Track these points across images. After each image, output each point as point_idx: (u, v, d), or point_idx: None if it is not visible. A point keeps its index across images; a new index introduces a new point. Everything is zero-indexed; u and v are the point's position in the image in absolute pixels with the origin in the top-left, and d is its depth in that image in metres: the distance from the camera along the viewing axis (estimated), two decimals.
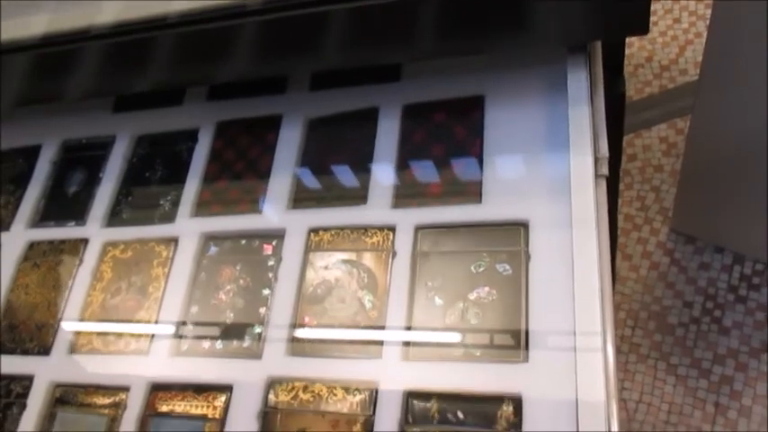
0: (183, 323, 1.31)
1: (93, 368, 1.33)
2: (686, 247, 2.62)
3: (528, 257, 1.16)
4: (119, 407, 1.27)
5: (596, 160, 1.18)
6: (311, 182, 1.39)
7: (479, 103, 1.34)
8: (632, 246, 2.69)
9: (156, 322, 1.33)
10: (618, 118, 1.47)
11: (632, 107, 2.92)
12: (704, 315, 2.49)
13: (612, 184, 1.35)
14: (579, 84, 1.20)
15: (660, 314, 2.55)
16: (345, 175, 1.36)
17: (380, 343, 1.17)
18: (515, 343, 1.09)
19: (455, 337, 1.13)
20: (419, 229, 1.25)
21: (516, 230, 1.19)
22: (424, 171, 1.31)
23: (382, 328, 1.18)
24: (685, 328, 2.51)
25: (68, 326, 1.40)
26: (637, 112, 2.91)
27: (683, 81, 2.97)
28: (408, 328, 1.17)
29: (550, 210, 1.19)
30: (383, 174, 1.33)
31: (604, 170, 1.20)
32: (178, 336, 1.30)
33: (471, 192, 1.25)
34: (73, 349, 1.37)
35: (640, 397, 2.45)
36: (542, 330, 1.10)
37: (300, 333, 1.22)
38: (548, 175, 1.22)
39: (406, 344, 1.15)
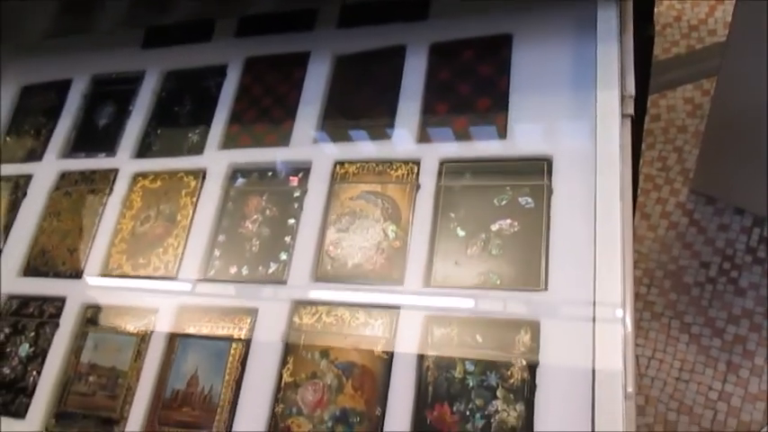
0: (211, 249, 1.35)
1: (123, 291, 1.37)
2: (706, 207, 2.62)
3: (550, 192, 1.18)
4: (147, 328, 1.31)
5: (622, 99, 1.19)
6: (338, 116, 1.40)
7: (507, 42, 1.34)
8: (651, 205, 2.69)
9: (184, 248, 1.36)
10: (645, 62, 1.47)
11: (658, 67, 2.89)
12: (721, 275, 2.50)
13: (636, 131, 1.35)
14: (609, 21, 1.20)
15: (676, 273, 2.56)
16: (371, 111, 1.38)
17: (403, 270, 1.20)
18: (535, 272, 1.12)
19: (476, 266, 1.15)
20: (444, 162, 1.27)
21: (540, 165, 1.20)
22: (450, 107, 1.32)
23: (405, 256, 1.20)
24: (701, 287, 2.52)
25: (99, 250, 1.44)
26: (662, 73, 2.88)
27: (711, 42, 2.92)
28: (430, 257, 1.19)
29: (574, 147, 1.20)
30: (409, 109, 1.34)
31: (630, 109, 1.21)
32: (205, 261, 1.34)
33: (497, 127, 1.26)
34: (103, 272, 1.41)
35: (653, 353, 2.47)
36: (562, 261, 1.12)
37: (324, 260, 1.25)
38: (573, 113, 1.23)
39: (428, 271, 1.18)
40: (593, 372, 0.99)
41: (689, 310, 2.50)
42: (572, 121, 1.22)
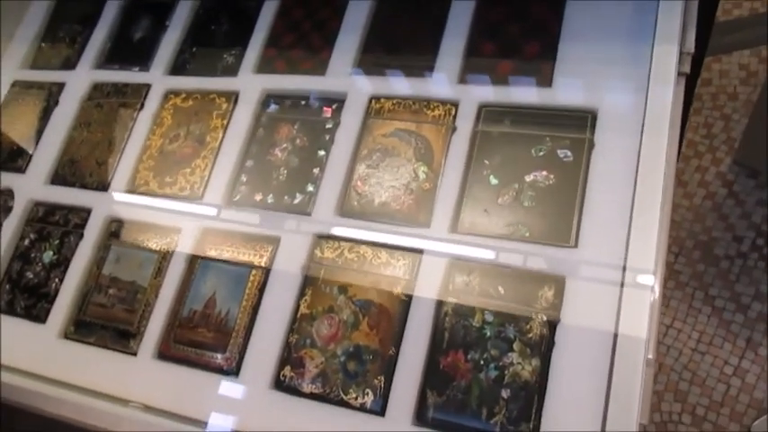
0: (238, 174, 1.33)
1: (148, 207, 1.37)
2: (747, 180, 2.53)
3: (592, 146, 1.13)
4: (169, 247, 1.31)
5: (680, 55, 1.12)
6: (378, 49, 1.35)
7: None
8: (690, 173, 2.61)
9: (211, 171, 1.35)
10: (707, 20, 1.38)
11: (716, 28, 2.74)
12: (753, 251, 2.43)
13: (687, 92, 1.28)
14: None
15: (707, 244, 2.49)
16: (413, 46, 1.33)
17: (430, 213, 1.17)
18: (566, 228, 1.08)
19: (506, 216, 1.12)
20: (483, 107, 1.22)
21: (583, 118, 1.15)
22: (496, 49, 1.27)
23: (433, 199, 1.17)
24: (731, 261, 2.46)
25: (127, 165, 1.43)
26: (720, 35, 2.74)
27: None
28: (459, 203, 1.16)
29: (622, 102, 1.14)
30: (452, 48, 1.29)
31: (687, 67, 1.15)
32: (231, 186, 1.32)
33: (542, 75, 1.21)
34: (130, 188, 1.41)
35: (672, 322, 2.44)
36: (596, 220, 1.08)
37: (351, 196, 1.23)
38: (625, 67, 1.17)
39: (456, 217, 1.15)
40: (616, 336, 0.97)
41: (715, 282, 2.45)
42: (623, 74, 1.16)
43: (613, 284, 1.01)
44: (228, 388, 1.16)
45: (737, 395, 2.29)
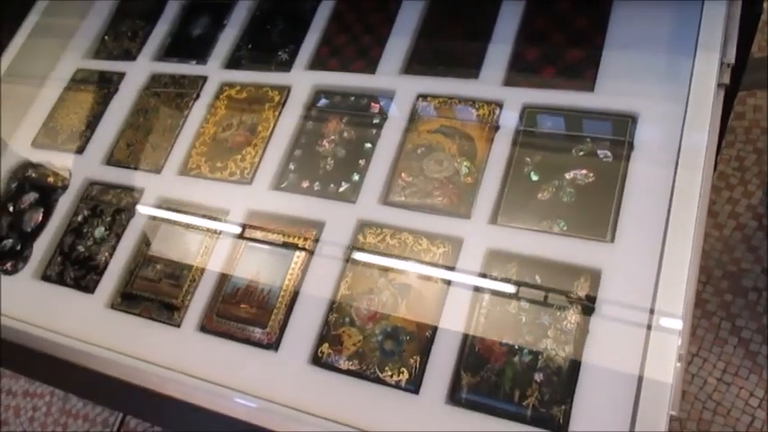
0: (287, 162, 1.39)
1: (199, 190, 1.43)
2: None
3: (631, 149, 1.17)
4: (217, 227, 1.37)
5: (721, 66, 1.16)
6: (426, 51, 1.41)
7: None
8: (721, 204, 2.62)
9: (261, 158, 1.41)
10: (748, 37, 1.42)
11: (752, 64, 2.78)
12: None
13: (725, 107, 1.32)
14: None
15: (735, 275, 2.49)
16: (461, 49, 1.39)
17: (471, 205, 1.21)
18: (604, 224, 1.12)
19: (545, 210, 1.16)
20: (526, 108, 1.27)
21: (624, 122, 1.20)
22: (541, 55, 1.32)
23: (475, 192, 1.22)
24: (759, 293, 2.45)
25: (180, 150, 1.50)
26: (755, 70, 2.77)
27: None
28: (500, 197, 1.20)
29: (663, 108, 1.19)
30: (499, 51, 1.35)
31: (727, 79, 1.18)
32: (280, 172, 1.38)
33: (585, 79, 1.26)
34: (182, 171, 1.48)
35: (698, 351, 2.43)
36: (633, 218, 1.12)
37: (395, 186, 1.28)
38: (667, 75, 1.21)
39: (496, 209, 1.19)
40: (649, 328, 0.99)
41: (742, 313, 2.44)
42: (664, 82, 1.21)
43: (648, 280, 1.04)
44: (267, 362, 1.20)
45: (762, 427, 2.26)
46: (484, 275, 1.15)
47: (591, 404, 1.00)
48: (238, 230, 1.35)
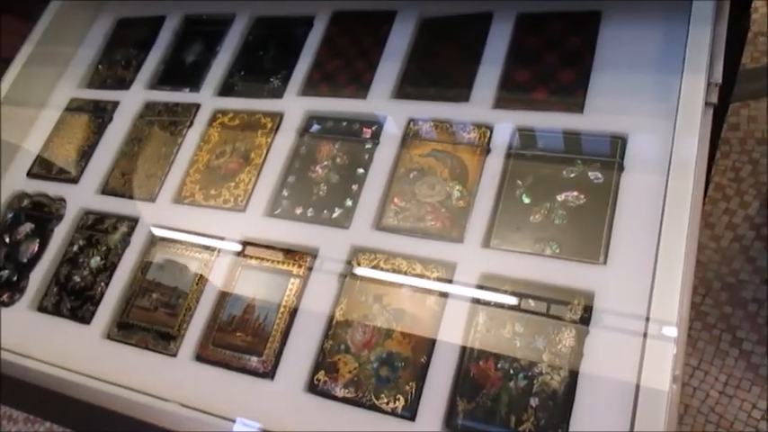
0: (280, 189, 1.39)
1: (193, 217, 1.44)
2: None
3: (621, 170, 1.17)
4: (212, 255, 1.37)
5: (708, 86, 1.17)
6: (417, 75, 1.43)
7: (596, 19, 1.34)
8: (717, 215, 2.62)
9: (255, 185, 1.42)
10: (736, 54, 1.44)
11: (744, 75, 2.79)
12: None
13: (715, 126, 1.33)
14: (705, 5, 1.18)
15: (735, 287, 2.49)
16: (452, 71, 1.40)
17: (463, 229, 1.22)
18: (596, 246, 1.12)
19: (537, 233, 1.17)
20: (518, 130, 1.28)
21: (614, 143, 1.20)
22: (530, 77, 1.33)
23: (467, 216, 1.22)
24: (759, 304, 2.44)
25: (174, 178, 1.50)
26: (748, 81, 2.79)
27: None
28: (492, 220, 1.21)
29: (652, 128, 1.20)
30: (489, 75, 1.36)
31: (714, 98, 1.19)
32: (273, 199, 1.39)
33: (575, 102, 1.26)
34: (176, 199, 1.48)
35: (698, 364, 2.42)
36: (625, 239, 1.12)
37: (388, 211, 1.28)
38: (654, 95, 1.22)
39: (489, 233, 1.20)
40: (644, 347, 0.99)
41: (743, 325, 2.43)
42: (652, 102, 1.21)
43: (641, 301, 1.04)
44: (264, 390, 1.20)
45: None
46: (478, 300, 1.15)
47: (587, 428, 1.00)
48: (233, 258, 1.35)
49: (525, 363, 1.07)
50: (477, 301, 1.15)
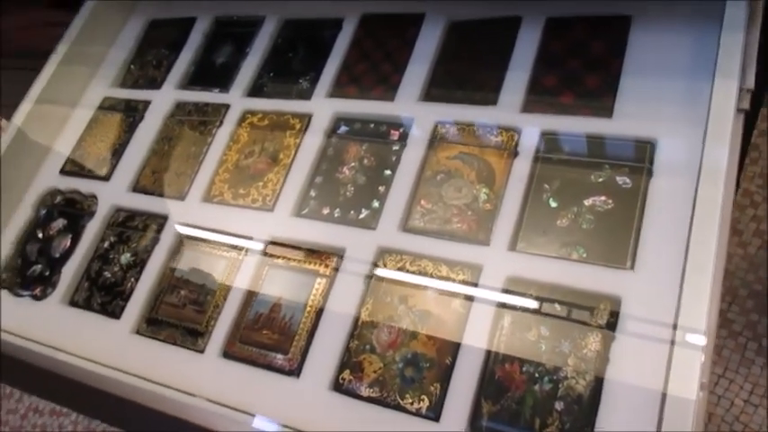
0: (308, 189, 1.41)
1: (222, 216, 1.46)
2: None
3: (650, 175, 1.17)
4: (240, 253, 1.39)
5: (740, 92, 1.16)
6: (445, 78, 1.43)
7: (625, 23, 1.33)
8: (745, 222, 2.59)
9: (283, 185, 1.43)
10: (767, 63, 1.42)
11: None
12: None
13: (746, 132, 1.32)
14: (738, 10, 1.17)
15: (761, 294, 2.46)
16: (479, 75, 1.40)
17: (490, 232, 1.22)
18: (623, 251, 1.12)
19: (564, 237, 1.17)
20: (545, 134, 1.28)
21: (643, 147, 1.20)
22: (558, 81, 1.33)
23: (494, 219, 1.23)
24: None
25: (204, 177, 1.53)
26: None
27: None
28: (519, 223, 1.21)
29: (682, 134, 1.19)
30: (516, 79, 1.36)
31: (746, 104, 1.18)
32: (301, 199, 1.40)
33: (603, 107, 1.26)
34: (205, 198, 1.50)
35: (723, 372, 2.40)
36: (652, 245, 1.12)
37: (414, 213, 1.29)
38: (685, 101, 1.22)
39: (515, 236, 1.20)
40: (671, 353, 0.99)
41: None
42: (682, 108, 1.21)
43: (668, 307, 1.04)
44: (289, 388, 1.21)
45: None
46: (503, 302, 1.15)
47: None
48: (260, 257, 1.37)
49: (550, 366, 1.07)
50: (502, 304, 1.15)
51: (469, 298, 1.18)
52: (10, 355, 1.40)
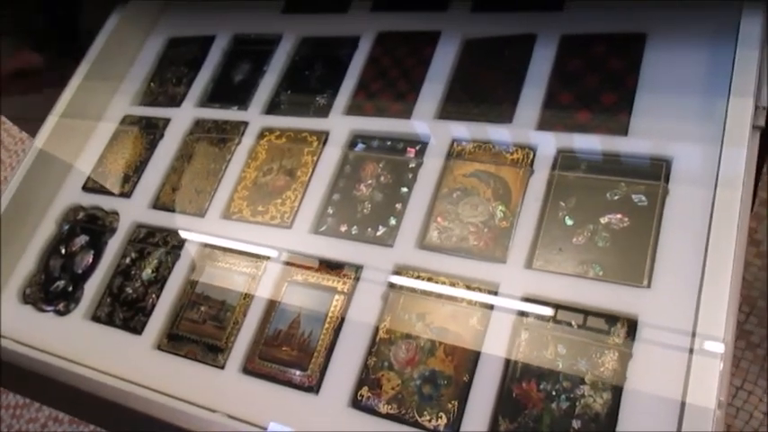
0: (325, 206, 1.43)
1: (241, 233, 1.48)
2: None
3: (666, 193, 1.18)
4: (259, 270, 1.42)
5: (756, 109, 1.17)
6: (461, 95, 1.45)
7: (640, 41, 1.34)
8: (763, 232, 2.58)
9: (301, 202, 1.45)
10: None
11: None
12: None
13: (762, 148, 1.32)
14: (753, 27, 1.18)
15: None
16: (495, 93, 1.41)
17: (506, 249, 1.23)
18: (640, 269, 1.13)
19: (580, 255, 1.18)
20: (561, 152, 1.29)
21: (658, 165, 1.21)
22: (574, 98, 1.34)
23: (510, 236, 1.24)
24: None
25: (223, 194, 1.55)
26: None
27: None
28: (535, 241, 1.22)
29: (697, 152, 1.19)
30: (532, 96, 1.37)
31: (762, 121, 1.19)
32: (319, 216, 1.42)
33: (619, 124, 1.27)
34: (224, 215, 1.53)
35: (742, 384, 2.38)
36: (669, 262, 1.12)
37: (431, 230, 1.31)
38: (700, 118, 1.22)
39: (531, 254, 1.21)
40: (688, 375, 0.99)
41: None
42: (698, 125, 1.21)
43: (686, 324, 1.04)
44: (308, 404, 1.23)
45: None
46: (520, 320, 1.16)
47: None
48: (279, 273, 1.39)
49: (568, 384, 1.08)
50: (519, 322, 1.16)
51: (486, 315, 1.19)
52: (34, 370, 1.43)
